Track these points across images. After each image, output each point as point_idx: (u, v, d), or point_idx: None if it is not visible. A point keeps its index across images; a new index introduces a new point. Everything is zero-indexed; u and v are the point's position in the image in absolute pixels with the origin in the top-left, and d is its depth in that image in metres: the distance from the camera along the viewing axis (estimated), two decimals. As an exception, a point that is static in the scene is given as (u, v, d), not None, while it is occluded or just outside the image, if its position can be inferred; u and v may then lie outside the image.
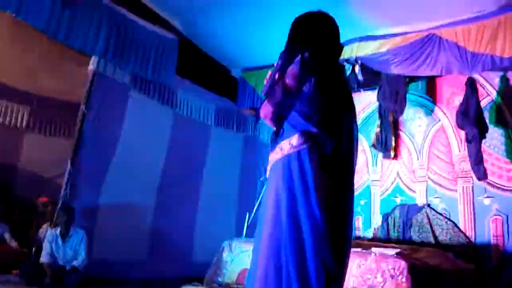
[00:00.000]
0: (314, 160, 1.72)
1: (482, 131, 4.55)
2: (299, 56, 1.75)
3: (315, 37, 1.87)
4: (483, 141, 4.61)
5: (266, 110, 1.81)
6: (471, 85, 4.67)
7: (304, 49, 1.77)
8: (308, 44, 1.81)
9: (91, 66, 4.60)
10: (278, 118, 1.84)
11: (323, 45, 1.85)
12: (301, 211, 1.68)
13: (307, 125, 1.77)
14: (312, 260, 1.64)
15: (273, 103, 1.78)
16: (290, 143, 1.77)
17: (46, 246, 4.13)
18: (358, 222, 5.81)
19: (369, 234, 5.62)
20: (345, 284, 2.96)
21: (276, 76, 1.78)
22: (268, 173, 1.87)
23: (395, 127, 5.69)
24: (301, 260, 1.65)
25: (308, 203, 1.68)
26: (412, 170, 5.48)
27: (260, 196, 1.90)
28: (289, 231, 1.68)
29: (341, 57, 4.95)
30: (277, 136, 1.85)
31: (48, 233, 4.24)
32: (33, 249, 4.39)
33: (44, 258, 4.06)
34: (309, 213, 1.67)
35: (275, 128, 1.88)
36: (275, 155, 1.82)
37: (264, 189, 1.84)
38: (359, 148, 6.08)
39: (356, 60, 5.05)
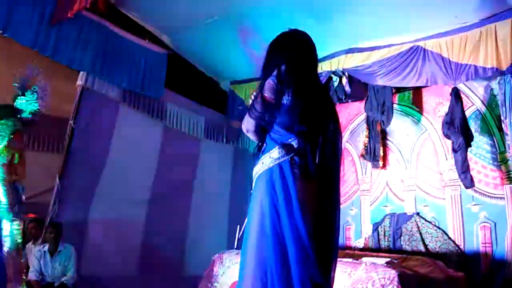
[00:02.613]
0: (296, 172, 1.75)
1: (468, 140, 4.62)
2: (276, 70, 1.80)
3: (290, 52, 1.92)
4: (469, 149, 4.68)
5: (247, 124, 1.87)
6: (456, 95, 4.75)
7: (280, 64, 1.82)
8: (283, 59, 1.86)
9: (80, 82, 4.61)
10: (260, 131, 1.88)
11: (297, 58, 1.90)
12: (285, 225, 1.69)
13: (287, 137, 1.80)
14: (297, 274, 1.64)
15: (254, 117, 1.83)
16: (271, 157, 1.79)
17: (33, 263, 4.07)
18: (349, 232, 5.84)
19: (360, 243, 5.64)
20: (336, 294, 2.95)
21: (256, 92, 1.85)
22: (253, 187, 1.89)
23: (383, 137, 5.76)
24: (286, 275, 1.65)
25: (291, 217, 1.70)
26: (400, 179, 5.53)
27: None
28: (273, 246, 1.68)
29: (328, 69, 5.06)
30: (259, 150, 1.89)
31: (36, 250, 4.18)
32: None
33: (31, 275, 4.00)
34: (292, 226, 1.69)
35: (257, 142, 1.91)
36: (258, 169, 1.85)
37: (250, 203, 1.86)
38: (348, 158, 6.13)
39: (343, 72, 5.12)
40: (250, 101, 1.91)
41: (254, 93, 1.91)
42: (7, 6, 3.80)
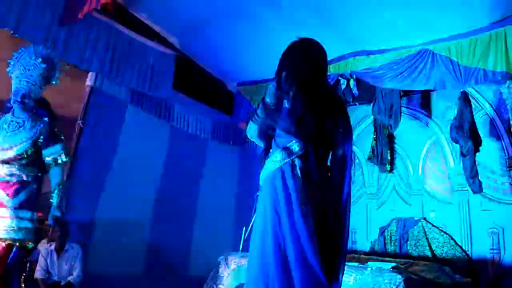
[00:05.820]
0: (296, 174, 1.76)
1: (477, 144, 4.58)
2: (277, 76, 1.83)
3: (293, 60, 1.95)
4: (478, 154, 4.64)
5: (251, 130, 1.90)
6: (465, 99, 4.72)
7: (283, 70, 1.85)
8: (286, 67, 1.88)
9: (88, 82, 4.65)
10: (265, 136, 1.90)
11: (299, 65, 1.91)
12: (285, 228, 1.70)
13: (289, 141, 1.81)
14: (298, 276, 1.64)
15: (256, 122, 1.86)
16: (273, 160, 1.81)
17: (40, 262, 4.10)
18: (355, 235, 5.81)
19: (366, 247, 5.60)
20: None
21: None
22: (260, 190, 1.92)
23: (391, 140, 5.73)
24: (287, 277, 1.66)
25: (291, 219, 1.71)
26: (408, 183, 5.50)
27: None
28: (273, 249, 1.69)
29: (336, 72, 5.05)
30: (266, 155, 1.91)
31: (43, 249, 4.21)
32: (27, 265, 4.34)
33: (38, 274, 4.03)
34: (292, 228, 1.69)
35: (263, 147, 1.93)
36: (263, 173, 1.86)
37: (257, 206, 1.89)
38: (355, 161, 6.09)
39: (351, 74, 5.11)
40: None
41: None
42: (18, 7, 3.84)
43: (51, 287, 4.01)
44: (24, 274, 4.14)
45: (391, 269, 3.41)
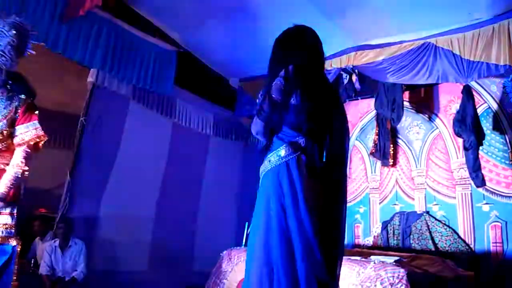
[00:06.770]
0: (303, 170, 1.76)
1: (479, 138, 4.56)
2: (283, 70, 1.80)
3: (297, 51, 1.92)
4: (481, 148, 4.63)
5: (257, 126, 1.87)
6: (468, 92, 4.68)
7: (287, 63, 1.82)
8: (290, 59, 1.86)
9: (90, 79, 4.65)
10: (270, 132, 1.88)
11: (304, 58, 1.89)
12: (291, 222, 1.71)
13: (295, 136, 1.80)
14: (303, 270, 1.65)
15: (263, 118, 1.83)
16: (278, 155, 1.80)
17: (45, 258, 4.13)
18: (358, 230, 5.82)
19: (369, 242, 5.62)
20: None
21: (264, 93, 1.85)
22: (260, 185, 1.90)
23: (393, 134, 5.72)
24: (292, 271, 1.67)
25: (297, 214, 1.71)
26: (410, 178, 5.49)
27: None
28: (279, 243, 1.69)
29: (338, 66, 5.03)
30: (266, 150, 1.89)
31: (47, 245, 4.25)
32: (32, 260, 4.38)
33: (42, 270, 4.06)
34: (298, 223, 1.70)
35: (265, 142, 1.92)
36: (264, 167, 1.86)
37: (256, 200, 1.87)
38: (357, 155, 6.09)
39: (353, 69, 5.09)
40: (257, 101, 1.91)
41: (261, 93, 1.90)
42: (19, 3, 3.84)
43: (56, 283, 4.04)
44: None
45: (394, 263, 3.41)
